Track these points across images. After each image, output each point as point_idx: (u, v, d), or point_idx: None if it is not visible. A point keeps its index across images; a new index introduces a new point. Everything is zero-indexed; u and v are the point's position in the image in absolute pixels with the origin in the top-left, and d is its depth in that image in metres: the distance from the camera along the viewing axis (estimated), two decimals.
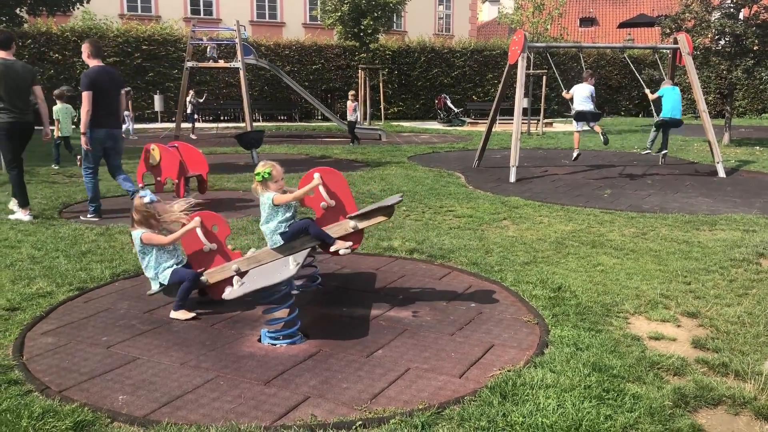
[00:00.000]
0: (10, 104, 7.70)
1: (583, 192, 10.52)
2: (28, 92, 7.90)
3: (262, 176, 4.82)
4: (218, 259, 5.03)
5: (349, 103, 18.37)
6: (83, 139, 7.90)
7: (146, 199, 4.88)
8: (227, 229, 5.08)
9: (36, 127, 8.04)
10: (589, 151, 16.89)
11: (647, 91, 13.36)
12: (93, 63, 7.92)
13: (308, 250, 4.91)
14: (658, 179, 12.00)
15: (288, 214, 4.91)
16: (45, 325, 4.65)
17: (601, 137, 12.21)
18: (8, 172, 8.07)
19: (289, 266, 4.45)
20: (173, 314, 4.85)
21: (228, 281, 4.96)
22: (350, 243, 4.97)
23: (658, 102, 12.98)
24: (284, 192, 4.93)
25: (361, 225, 5.00)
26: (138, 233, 4.84)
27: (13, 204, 8.19)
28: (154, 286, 4.94)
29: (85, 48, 7.96)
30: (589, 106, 12.14)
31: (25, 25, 18.24)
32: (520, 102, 12.44)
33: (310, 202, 5.05)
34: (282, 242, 4.91)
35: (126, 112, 19.32)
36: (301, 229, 4.90)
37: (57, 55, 23.33)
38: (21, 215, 7.96)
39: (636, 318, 4.91)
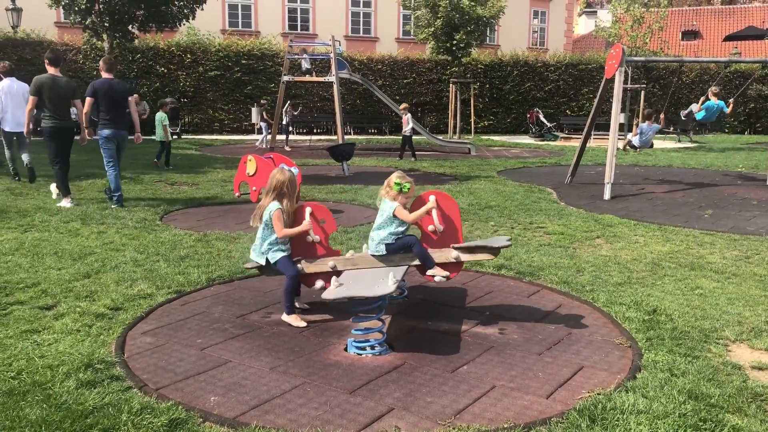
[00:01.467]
0: (53, 112, 9.29)
1: (681, 211, 10.08)
2: (69, 103, 9.50)
3: (401, 188, 4.91)
4: (319, 250, 5.11)
5: (403, 116, 18.05)
6: (84, 132, 9.66)
7: (294, 170, 5.11)
8: (334, 226, 5.18)
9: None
10: (689, 170, 16.19)
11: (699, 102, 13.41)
12: (104, 76, 9.45)
13: (407, 267, 4.93)
14: (764, 200, 11.34)
15: (401, 228, 4.96)
16: (145, 325, 4.89)
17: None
18: (52, 167, 9.59)
19: (389, 282, 4.48)
20: (285, 317, 5.00)
21: (320, 275, 5.05)
22: (447, 273, 4.96)
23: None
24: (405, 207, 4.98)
25: (464, 258, 4.94)
26: (273, 207, 4.97)
27: (53, 191, 9.90)
28: (260, 260, 5.07)
29: (100, 64, 9.59)
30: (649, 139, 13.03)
31: (135, 41, 19.30)
32: (617, 117, 12.09)
33: (420, 222, 5.03)
34: (385, 253, 4.96)
35: (262, 123, 20.37)
36: (407, 245, 4.94)
37: (163, 69, 24.59)
38: (65, 203, 9.48)
39: (737, 346, 4.65)
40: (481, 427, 3.42)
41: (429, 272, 4.95)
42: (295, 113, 21.68)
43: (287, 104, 20.43)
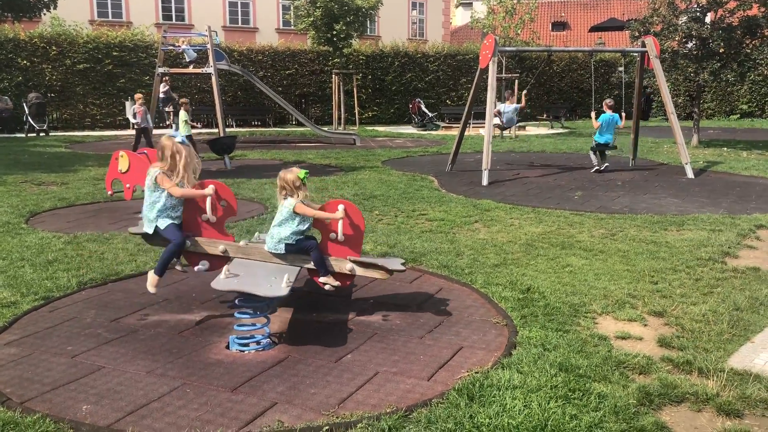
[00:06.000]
0: None
1: (554, 194, 10.61)
2: None
3: (305, 176, 4.84)
4: (211, 232, 4.93)
5: (136, 107, 16.28)
6: None
7: (178, 138, 4.86)
8: (234, 211, 5.00)
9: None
10: (560, 154, 17.05)
11: (593, 115, 13.55)
12: None
13: (299, 269, 4.84)
14: (628, 180, 12.15)
15: (303, 227, 4.83)
16: (8, 336, 4.57)
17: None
18: None
19: (283, 284, 4.40)
20: (151, 274, 4.85)
21: (206, 256, 4.89)
22: (338, 283, 4.90)
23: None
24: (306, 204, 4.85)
25: (358, 272, 4.89)
26: (156, 170, 4.77)
27: None
28: (148, 229, 4.85)
29: None
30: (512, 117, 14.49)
31: None
32: (492, 106, 12.53)
33: (322, 227, 4.94)
34: (284, 252, 4.84)
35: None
36: (306, 249, 4.83)
37: (25, 62, 22.96)
38: None
39: (603, 318, 4.96)
40: (365, 413, 3.46)
41: (321, 279, 4.87)
42: (174, 95, 20.91)
43: (164, 86, 19.71)
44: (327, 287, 4.89)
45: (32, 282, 5.68)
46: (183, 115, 14.85)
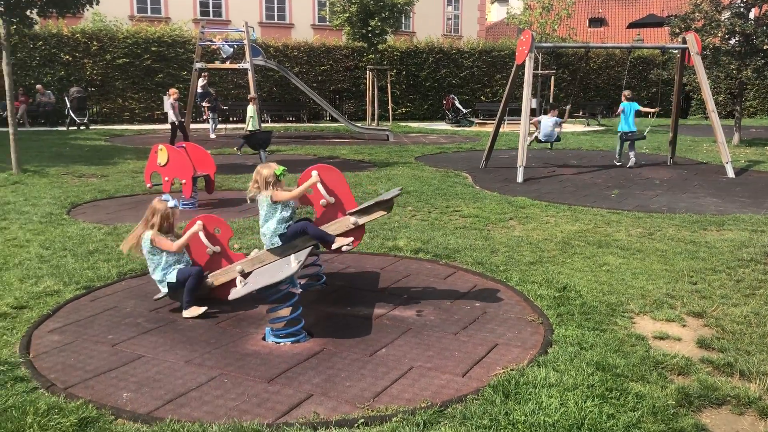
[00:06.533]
0: None
1: (590, 192, 10.49)
2: None
3: (283, 173, 4.91)
4: (222, 261, 5.07)
5: (171, 101, 15.63)
6: None
7: (170, 203, 4.92)
8: (229, 231, 5.12)
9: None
10: (597, 152, 16.83)
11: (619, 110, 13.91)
12: None
13: (309, 248, 4.93)
14: (666, 179, 11.94)
15: (286, 214, 4.93)
16: (52, 323, 4.69)
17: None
18: None
19: (291, 264, 4.48)
20: (186, 313, 4.86)
21: (233, 283, 4.99)
22: (351, 239, 4.99)
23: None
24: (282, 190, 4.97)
25: (361, 220, 5.03)
26: (148, 235, 4.86)
27: None
28: (163, 290, 4.94)
29: None
30: (552, 132, 13.96)
31: (36, 27, 18.22)
32: (528, 102, 12.42)
33: (310, 200, 5.08)
34: (280, 243, 4.92)
35: (211, 112, 20.78)
36: (300, 230, 4.93)
37: (67, 57, 23.45)
38: None
39: (641, 317, 4.90)
40: (399, 407, 3.47)
41: (334, 246, 5.00)
42: (211, 91, 21.11)
43: (202, 81, 19.93)
44: (344, 248, 5.00)
45: (74, 271, 5.81)
46: (251, 110, 15.44)
